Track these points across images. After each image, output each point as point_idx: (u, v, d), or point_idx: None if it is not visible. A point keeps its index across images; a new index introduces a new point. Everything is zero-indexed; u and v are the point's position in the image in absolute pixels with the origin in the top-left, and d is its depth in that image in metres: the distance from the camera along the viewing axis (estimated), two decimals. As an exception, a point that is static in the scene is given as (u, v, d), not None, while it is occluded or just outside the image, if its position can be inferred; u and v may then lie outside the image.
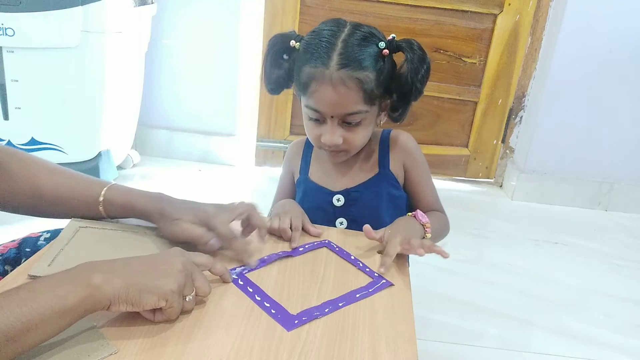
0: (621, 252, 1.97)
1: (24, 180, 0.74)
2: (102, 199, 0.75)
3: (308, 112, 0.88)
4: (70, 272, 0.54)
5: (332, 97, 0.82)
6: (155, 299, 0.56)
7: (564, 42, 2.11)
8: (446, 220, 1.00)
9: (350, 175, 0.97)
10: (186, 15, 2.20)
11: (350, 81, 0.81)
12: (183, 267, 0.60)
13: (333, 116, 0.85)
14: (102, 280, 0.53)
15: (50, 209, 0.76)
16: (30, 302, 0.48)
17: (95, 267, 0.55)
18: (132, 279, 0.55)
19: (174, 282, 0.57)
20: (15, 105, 1.80)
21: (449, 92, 2.35)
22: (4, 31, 1.70)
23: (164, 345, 0.56)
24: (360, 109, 0.84)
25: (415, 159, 0.97)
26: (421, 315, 1.46)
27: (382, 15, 2.20)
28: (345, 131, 0.87)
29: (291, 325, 0.61)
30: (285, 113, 2.38)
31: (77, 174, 0.78)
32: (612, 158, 2.28)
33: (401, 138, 0.97)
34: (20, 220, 1.63)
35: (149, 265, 0.59)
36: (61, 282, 0.52)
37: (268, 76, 0.92)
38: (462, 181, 2.45)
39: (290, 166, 1.05)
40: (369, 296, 0.69)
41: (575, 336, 1.46)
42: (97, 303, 0.53)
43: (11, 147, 0.78)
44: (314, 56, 0.83)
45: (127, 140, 2.16)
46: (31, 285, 0.51)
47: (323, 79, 0.82)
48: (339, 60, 0.81)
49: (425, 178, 0.98)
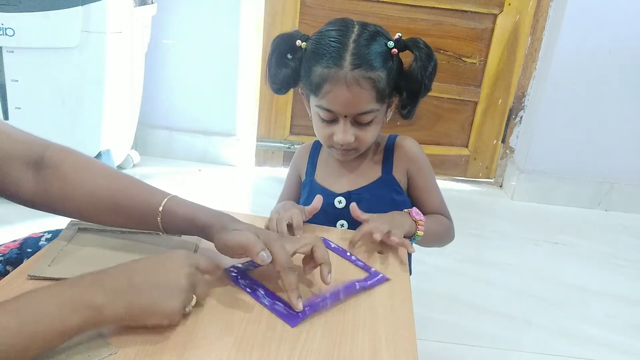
0: (621, 252, 1.97)
1: (76, 184, 0.71)
2: (161, 209, 0.70)
3: (320, 112, 0.88)
4: (74, 288, 0.53)
5: (346, 98, 0.83)
6: (158, 319, 0.55)
7: (564, 42, 2.11)
8: (448, 225, 0.99)
9: (353, 178, 0.97)
10: (186, 15, 2.20)
11: (364, 81, 0.83)
12: (187, 281, 0.58)
13: (347, 115, 0.86)
14: (104, 301, 0.52)
15: (106, 216, 0.73)
16: (35, 326, 0.48)
17: (99, 283, 0.54)
18: (135, 298, 0.54)
19: (177, 302, 0.56)
20: (15, 105, 1.80)
21: (449, 92, 2.35)
22: (4, 31, 1.70)
23: (164, 345, 0.56)
24: (372, 107, 0.86)
25: (419, 165, 0.97)
26: (421, 315, 1.45)
27: (382, 15, 2.20)
28: (357, 130, 0.88)
29: (295, 320, 0.61)
30: (285, 113, 2.38)
31: (137, 182, 0.74)
32: (612, 158, 2.28)
33: (406, 144, 0.98)
34: (21, 221, 1.64)
35: (152, 277, 0.57)
36: (65, 301, 0.51)
37: (273, 76, 0.92)
38: (462, 181, 2.45)
39: (297, 168, 1.06)
40: (367, 287, 0.70)
41: (575, 336, 1.46)
42: (99, 323, 0.53)
43: (69, 148, 0.74)
44: (326, 57, 0.84)
45: (127, 140, 2.16)
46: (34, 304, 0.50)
47: (337, 80, 0.83)
48: (352, 61, 0.82)
49: (429, 184, 0.98)
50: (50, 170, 0.71)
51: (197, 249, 0.76)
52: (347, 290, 0.68)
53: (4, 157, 0.69)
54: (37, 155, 0.71)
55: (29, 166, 0.71)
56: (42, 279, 0.64)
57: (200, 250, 0.76)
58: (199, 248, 0.77)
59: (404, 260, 0.79)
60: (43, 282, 0.64)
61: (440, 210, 0.98)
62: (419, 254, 0.97)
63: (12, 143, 0.70)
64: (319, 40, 0.86)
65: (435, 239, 0.96)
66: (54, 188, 0.71)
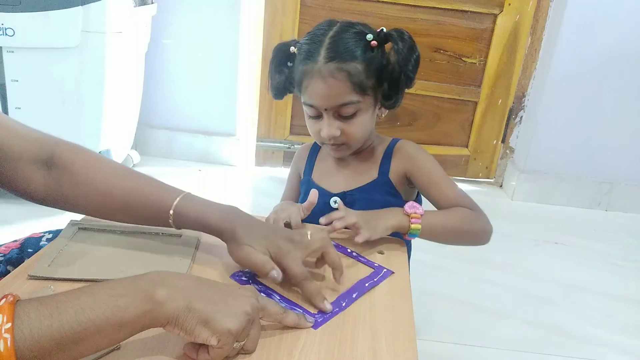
0: (621, 252, 1.97)
1: (87, 183, 0.71)
2: (172, 211, 0.70)
3: (306, 109, 0.92)
4: (138, 280, 0.51)
5: (322, 90, 0.86)
6: (209, 335, 0.51)
7: (564, 42, 2.11)
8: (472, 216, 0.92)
9: (349, 179, 0.98)
10: (186, 15, 2.20)
11: (338, 73, 0.85)
12: (251, 310, 0.54)
13: (327, 108, 0.88)
14: (165, 297, 0.50)
15: (119, 215, 0.73)
16: (89, 312, 0.46)
17: (163, 279, 0.52)
18: (196, 303, 0.51)
19: (236, 322, 0.52)
20: (15, 105, 1.80)
21: (449, 92, 2.35)
22: (4, 31, 1.70)
23: (166, 342, 0.56)
24: (351, 99, 0.87)
25: (417, 163, 0.95)
26: (421, 315, 1.46)
27: (382, 15, 2.20)
28: (342, 123, 0.89)
29: (316, 324, 0.62)
30: (285, 113, 2.38)
31: (149, 180, 0.73)
32: (612, 158, 2.28)
33: (404, 146, 0.98)
34: (21, 220, 1.64)
35: (218, 294, 0.54)
36: (124, 292, 0.49)
37: (271, 84, 0.96)
38: (462, 181, 2.46)
39: (297, 167, 1.08)
40: (376, 285, 0.71)
41: (575, 336, 1.46)
42: (155, 320, 0.50)
43: (79, 146, 0.74)
44: (304, 54, 0.88)
45: (127, 140, 2.16)
46: (94, 290, 0.48)
47: (313, 74, 0.86)
48: (326, 54, 0.85)
49: (435, 178, 0.95)
50: (62, 170, 0.71)
51: (198, 245, 0.76)
52: (358, 290, 0.70)
53: (14, 156, 0.69)
54: (47, 154, 0.71)
55: (40, 165, 0.71)
56: (42, 279, 0.64)
57: (202, 247, 0.76)
58: (200, 243, 0.77)
59: (404, 261, 0.79)
60: (43, 282, 0.64)
61: (459, 201, 0.93)
62: (419, 254, 0.97)
63: (22, 141, 0.69)
64: (304, 42, 0.90)
65: (453, 233, 0.90)
66: (65, 187, 0.71)
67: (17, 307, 0.44)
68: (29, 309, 0.44)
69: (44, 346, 0.44)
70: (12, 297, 0.45)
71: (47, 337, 0.44)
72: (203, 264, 0.73)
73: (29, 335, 0.43)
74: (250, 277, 0.71)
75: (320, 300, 0.65)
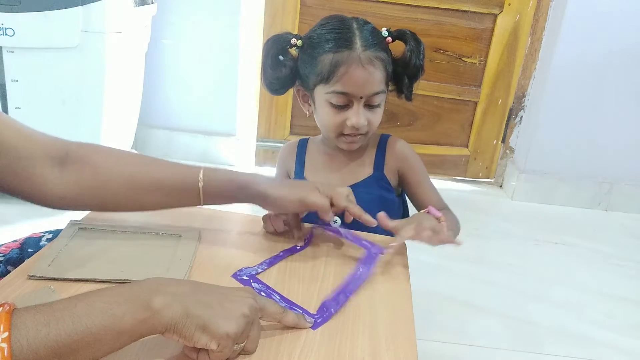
0: (621, 252, 1.97)
1: (112, 170, 0.72)
2: (201, 179, 0.73)
3: (333, 98, 0.88)
4: (135, 287, 0.51)
5: (362, 77, 0.86)
6: (208, 339, 0.51)
7: (564, 42, 2.11)
8: (456, 217, 0.98)
9: (343, 176, 0.97)
10: (186, 15, 2.20)
11: (376, 61, 0.86)
12: (249, 311, 0.54)
13: (362, 96, 0.87)
14: (162, 305, 0.50)
15: (148, 196, 0.74)
16: (86, 320, 0.46)
17: (159, 287, 0.52)
18: (193, 309, 0.51)
19: (234, 325, 0.52)
20: (15, 105, 1.80)
21: (449, 92, 2.35)
22: (4, 31, 1.70)
23: (166, 342, 0.55)
24: (383, 88, 0.89)
25: (411, 164, 0.98)
26: (421, 315, 1.45)
27: (382, 15, 2.20)
28: (368, 113, 0.89)
29: (315, 325, 0.62)
30: (285, 113, 2.38)
31: (166, 161, 0.76)
32: (612, 158, 2.28)
33: (398, 145, 0.98)
34: (21, 220, 1.64)
35: (215, 298, 0.54)
36: (122, 300, 0.49)
37: (270, 78, 0.95)
38: (462, 181, 2.45)
39: (285, 167, 1.05)
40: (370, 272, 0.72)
41: (575, 336, 1.46)
42: (153, 328, 0.50)
43: (98, 145, 0.76)
44: (334, 43, 0.87)
45: (127, 140, 2.16)
46: (91, 298, 0.48)
47: (352, 61, 0.85)
48: (363, 42, 0.86)
49: (424, 180, 0.99)
50: (79, 164, 0.71)
51: (198, 245, 0.76)
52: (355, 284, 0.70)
53: (26, 159, 0.67)
54: (60, 152, 0.70)
55: (54, 164, 0.69)
56: (42, 279, 0.64)
57: (202, 246, 0.76)
58: (201, 243, 0.77)
59: (404, 261, 0.79)
60: (43, 282, 0.64)
61: (441, 203, 0.99)
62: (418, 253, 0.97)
63: (32, 143, 0.68)
64: (319, 33, 0.90)
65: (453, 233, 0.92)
66: (85, 180, 0.71)
67: (14, 316, 0.44)
68: (26, 318, 0.44)
69: (41, 355, 0.44)
70: (9, 306, 0.45)
71: (44, 346, 0.44)
72: (203, 263, 0.73)
73: (26, 345, 0.43)
74: (251, 277, 0.70)
75: (361, 211, 0.77)
